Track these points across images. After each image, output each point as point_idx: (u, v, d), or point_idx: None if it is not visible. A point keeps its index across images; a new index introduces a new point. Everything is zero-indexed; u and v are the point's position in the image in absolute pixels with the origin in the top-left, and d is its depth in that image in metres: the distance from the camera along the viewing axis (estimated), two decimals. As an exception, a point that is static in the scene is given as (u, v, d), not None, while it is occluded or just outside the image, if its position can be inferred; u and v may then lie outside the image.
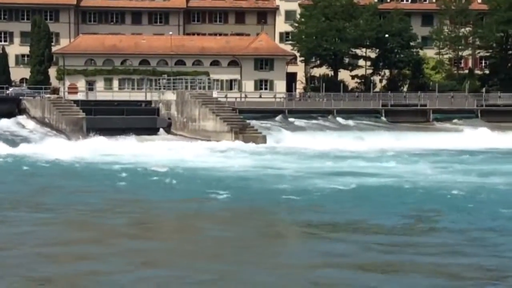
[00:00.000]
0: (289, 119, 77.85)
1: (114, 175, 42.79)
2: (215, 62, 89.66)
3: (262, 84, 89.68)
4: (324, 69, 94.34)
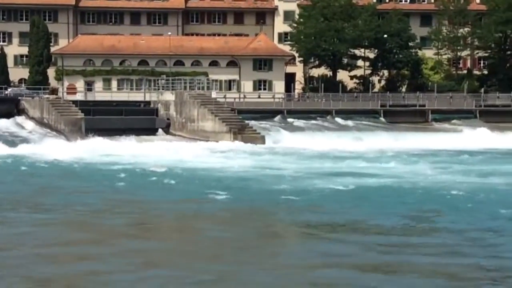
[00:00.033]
0: (288, 120, 77.91)
1: (113, 176, 42.76)
2: (214, 63, 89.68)
3: (261, 85, 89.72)
4: (323, 70, 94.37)
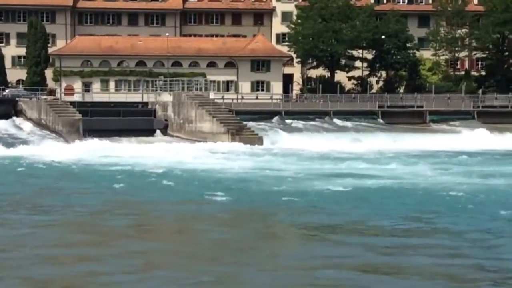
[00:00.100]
0: (286, 121, 77.88)
1: (112, 177, 42.67)
2: (212, 64, 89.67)
3: (259, 86, 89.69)
4: (321, 71, 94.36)
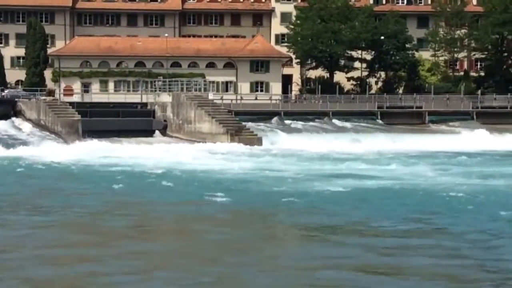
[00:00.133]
0: (285, 121, 77.85)
1: (111, 178, 42.59)
2: (211, 64, 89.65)
3: (258, 86, 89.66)
4: (320, 71, 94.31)
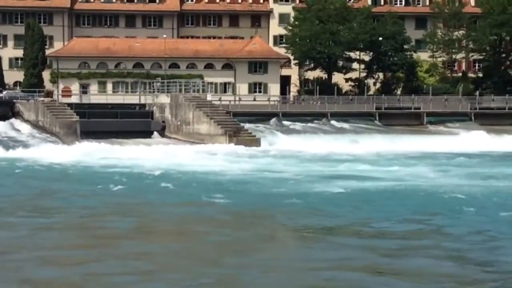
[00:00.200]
0: (283, 122, 77.80)
1: (111, 179, 42.50)
2: (209, 65, 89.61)
3: (256, 87, 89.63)
4: (318, 72, 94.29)
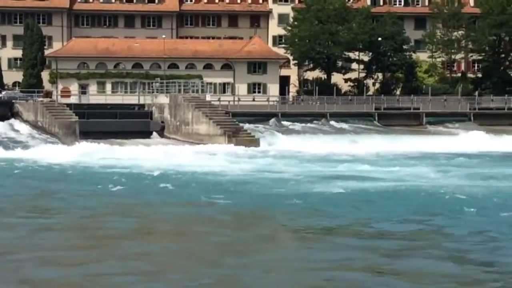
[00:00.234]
0: (283, 123, 77.78)
1: (110, 179, 42.42)
2: (208, 66, 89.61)
3: (255, 88, 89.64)
4: (317, 73, 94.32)
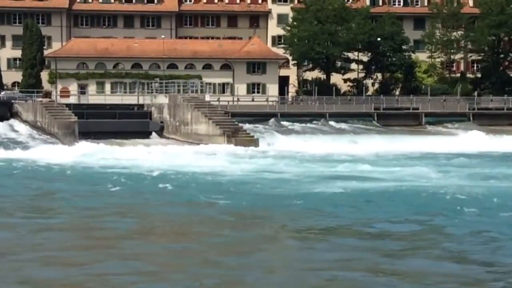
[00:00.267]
0: (282, 123, 77.81)
1: (110, 179, 42.35)
2: (208, 66, 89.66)
3: (255, 88, 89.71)
4: (317, 73, 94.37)
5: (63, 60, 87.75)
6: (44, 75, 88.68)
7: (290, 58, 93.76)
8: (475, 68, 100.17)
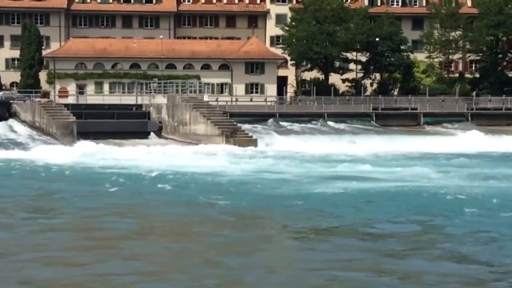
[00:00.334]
0: (281, 123, 77.79)
1: (109, 180, 42.37)
2: (206, 66, 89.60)
3: (253, 88, 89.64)
4: (315, 73, 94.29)
5: (62, 60, 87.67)
6: (43, 75, 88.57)
7: (289, 58, 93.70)
8: (474, 68, 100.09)
